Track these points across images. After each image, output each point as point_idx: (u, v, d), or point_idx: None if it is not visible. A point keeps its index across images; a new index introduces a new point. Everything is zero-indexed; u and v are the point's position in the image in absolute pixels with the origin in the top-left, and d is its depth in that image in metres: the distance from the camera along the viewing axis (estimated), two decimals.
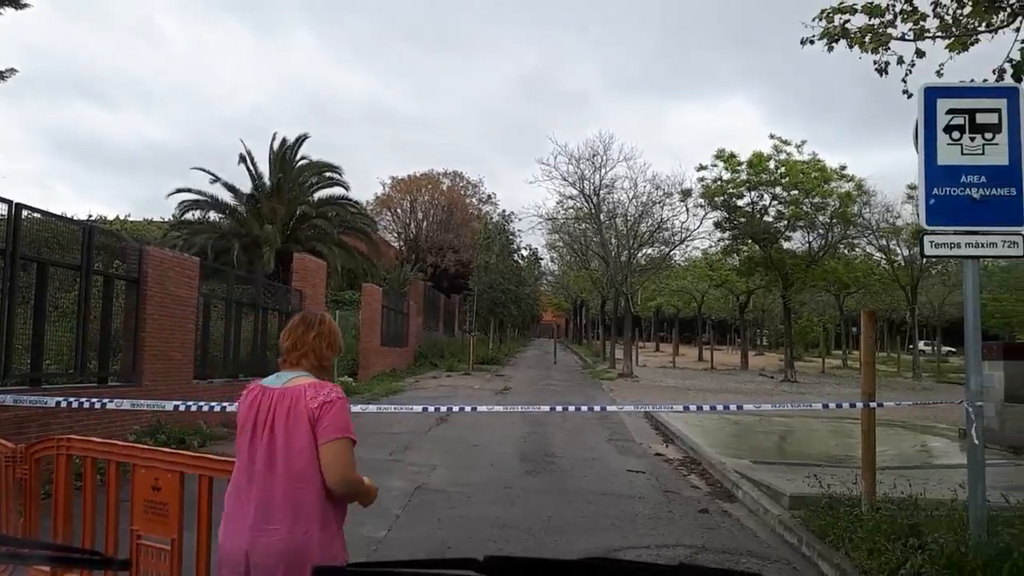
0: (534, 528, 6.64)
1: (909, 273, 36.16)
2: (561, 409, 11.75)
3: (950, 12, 7.05)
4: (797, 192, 29.27)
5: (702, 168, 30.36)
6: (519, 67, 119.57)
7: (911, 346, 43.69)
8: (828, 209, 29.85)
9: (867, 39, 7.07)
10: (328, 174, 31.12)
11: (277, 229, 27.19)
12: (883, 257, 37.46)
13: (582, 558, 1.18)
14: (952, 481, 6.80)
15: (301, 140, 30.25)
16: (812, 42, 7.34)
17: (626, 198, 32.57)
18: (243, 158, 29.01)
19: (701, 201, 30.97)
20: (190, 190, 28.99)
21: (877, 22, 7.09)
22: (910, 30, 7.04)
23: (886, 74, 7.11)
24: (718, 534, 6.67)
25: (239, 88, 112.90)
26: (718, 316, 63.88)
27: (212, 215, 30.05)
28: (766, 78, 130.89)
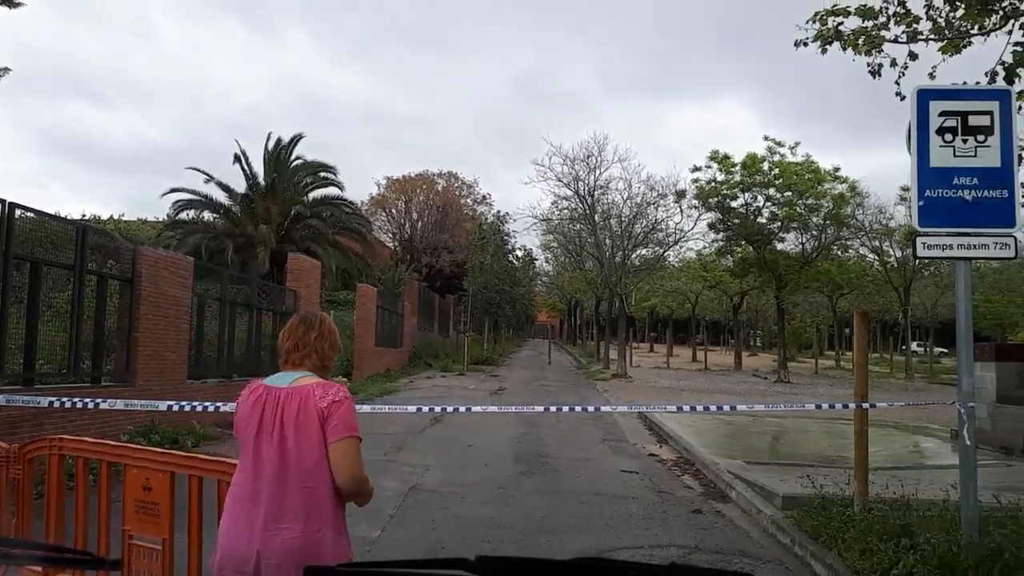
0: (528, 528, 6.65)
1: (902, 274, 36.37)
2: (555, 410, 11.79)
3: (943, 15, 7.09)
4: (791, 193, 29.38)
5: (696, 169, 30.51)
6: (515, 68, 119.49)
7: (904, 347, 43.91)
8: (821, 210, 29.99)
9: (860, 41, 7.10)
10: (323, 174, 31.13)
11: (272, 229, 27.17)
12: (876, 258, 37.66)
13: (575, 558, 1.18)
14: (944, 482, 6.83)
15: (296, 140, 30.26)
16: (806, 44, 7.37)
17: (620, 199, 32.70)
18: (238, 158, 29.02)
19: (695, 202, 31.10)
20: (184, 190, 29.01)
21: (870, 24, 7.13)
22: (903, 32, 7.09)
23: (879, 76, 7.16)
24: (711, 534, 6.69)
25: (235, 88, 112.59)
26: (712, 317, 64.04)
27: (206, 215, 30.08)
28: (761, 80, 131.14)
